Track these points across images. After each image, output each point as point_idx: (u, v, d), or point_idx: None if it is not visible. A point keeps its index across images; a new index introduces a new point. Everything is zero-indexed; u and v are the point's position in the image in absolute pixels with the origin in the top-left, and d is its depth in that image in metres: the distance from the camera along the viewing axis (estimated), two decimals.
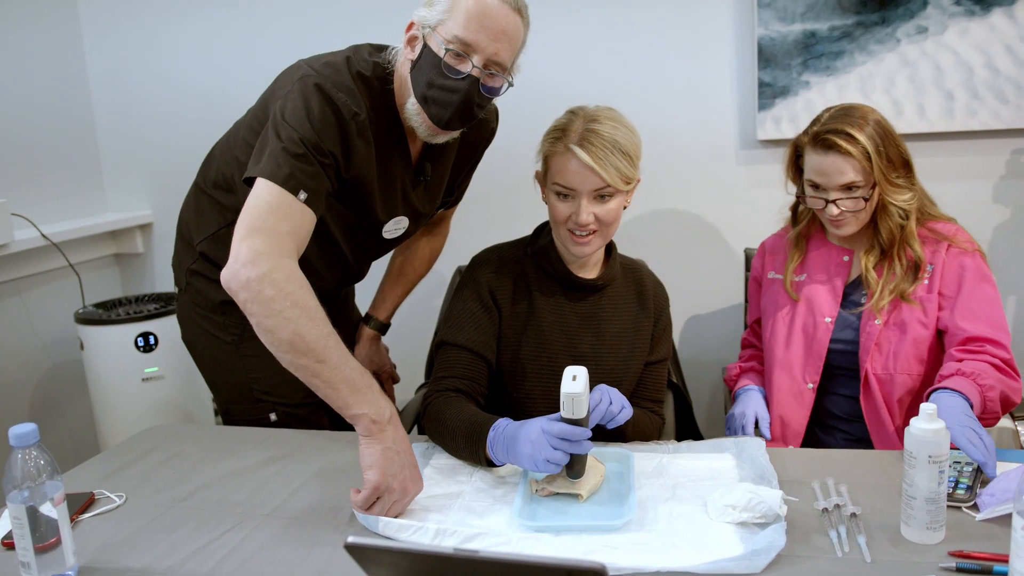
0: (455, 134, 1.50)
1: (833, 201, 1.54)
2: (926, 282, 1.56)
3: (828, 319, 1.62)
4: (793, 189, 1.68)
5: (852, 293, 1.63)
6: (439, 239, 1.95)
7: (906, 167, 1.57)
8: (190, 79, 2.65)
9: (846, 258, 1.65)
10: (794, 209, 1.73)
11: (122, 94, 2.73)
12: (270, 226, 1.28)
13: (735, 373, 1.79)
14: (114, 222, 2.70)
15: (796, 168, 1.65)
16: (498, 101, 1.56)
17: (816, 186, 1.57)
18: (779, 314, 1.69)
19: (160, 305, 2.47)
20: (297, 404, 1.65)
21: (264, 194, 1.31)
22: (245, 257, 1.24)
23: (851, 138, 1.51)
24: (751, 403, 1.65)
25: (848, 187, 1.53)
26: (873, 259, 1.60)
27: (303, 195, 1.32)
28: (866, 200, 1.54)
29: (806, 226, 1.70)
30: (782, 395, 1.64)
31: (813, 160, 1.56)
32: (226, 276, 1.26)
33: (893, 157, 1.54)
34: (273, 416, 1.66)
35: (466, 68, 1.36)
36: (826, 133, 1.53)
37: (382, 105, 1.47)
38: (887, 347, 1.56)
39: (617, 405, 1.29)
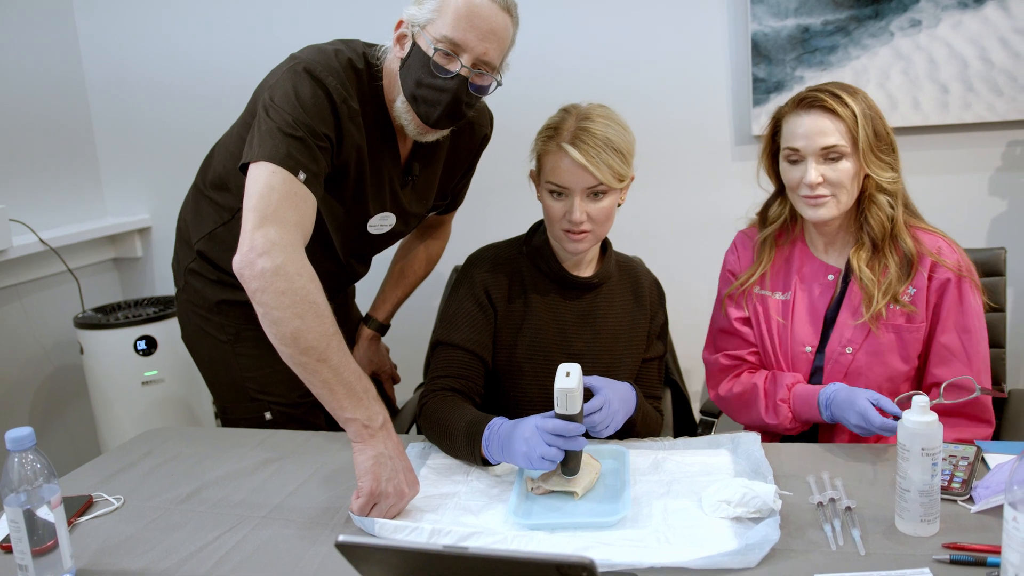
0: (444, 132, 1.51)
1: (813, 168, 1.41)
2: (908, 302, 1.45)
3: (808, 348, 1.52)
4: (768, 184, 1.57)
5: (833, 316, 1.51)
6: (439, 243, 1.95)
7: (892, 151, 1.46)
8: (188, 83, 2.66)
9: (831, 276, 1.52)
10: (765, 208, 1.59)
11: (120, 99, 2.74)
12: (281, 215, 1.26)
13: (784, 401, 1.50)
14: (113, 226, 2.71)
15: (771, 156, 1.53)
16: (493, 99, 1.56)
17: (795, 153, 1.44)
18: (764, 333, 1.56)
19: (159, 309, 2.47)
20: (292, 403, 1.66)
21: (266, 176, 1.29)
22: (262, 247, 1.22)
23: (839, 99, 1.41)
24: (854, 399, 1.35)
25: (830, 151, 1.41)
26: (865, 256, 1.46)
27: (302, 175, 1.30)
28: (848, 174, 1.42)
29: (783, 232, 1.57)
30: None
31: (793, 124, 1.44)
32: (239, 264, 1.24)
33: (880, 132, 1.44)
34: (268, 415, 1.66)
35: (455, 68, 1.36)
36: (813, 92, 1.43)
37: (371, 99, 1.47)
38: (857, 380, 1.46)
39: (603, 423, 1.30)
